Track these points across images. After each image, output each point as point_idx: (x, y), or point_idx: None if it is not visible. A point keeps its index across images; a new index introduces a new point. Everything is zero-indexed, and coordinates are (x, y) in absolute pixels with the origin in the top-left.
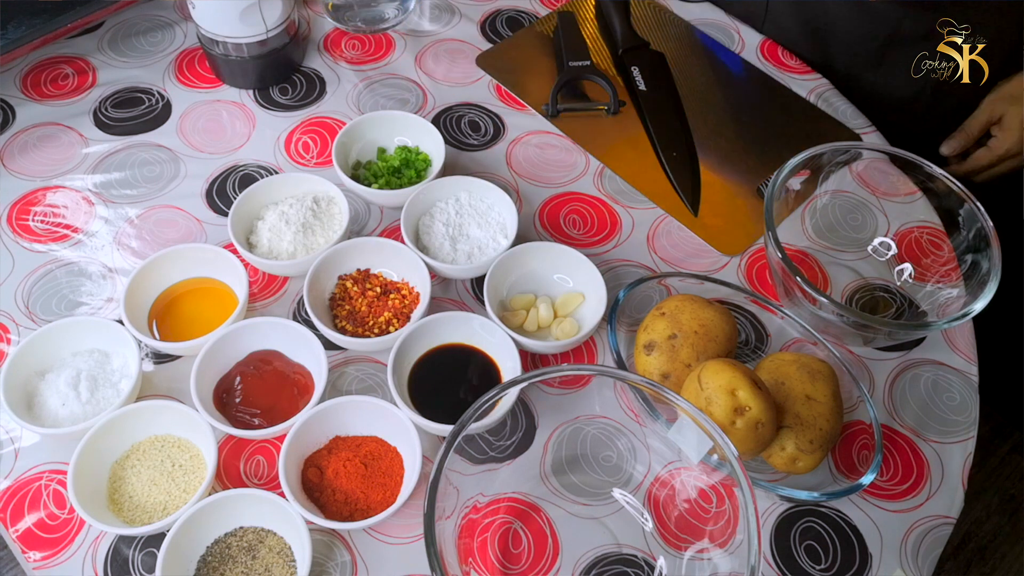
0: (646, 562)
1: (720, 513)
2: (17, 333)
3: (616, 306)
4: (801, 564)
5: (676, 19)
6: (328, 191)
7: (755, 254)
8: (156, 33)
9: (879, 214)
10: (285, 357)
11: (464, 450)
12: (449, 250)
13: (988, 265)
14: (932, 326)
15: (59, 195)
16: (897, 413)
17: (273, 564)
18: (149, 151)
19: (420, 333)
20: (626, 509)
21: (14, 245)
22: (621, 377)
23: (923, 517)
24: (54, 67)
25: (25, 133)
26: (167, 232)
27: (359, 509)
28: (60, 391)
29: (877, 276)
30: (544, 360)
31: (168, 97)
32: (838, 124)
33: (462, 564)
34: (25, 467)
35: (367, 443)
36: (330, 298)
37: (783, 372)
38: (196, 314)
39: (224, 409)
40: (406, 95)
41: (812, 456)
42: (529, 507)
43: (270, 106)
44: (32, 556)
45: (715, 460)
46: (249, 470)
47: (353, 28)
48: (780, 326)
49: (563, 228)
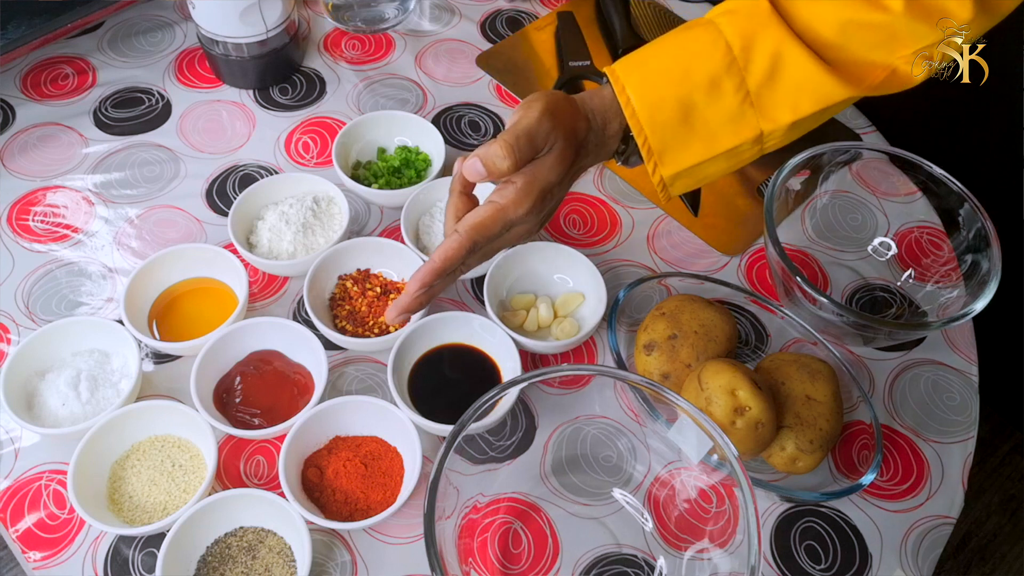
0: (646, 562)
1: (720, 513)
2: (17, 333)
3: (616, 306)
4: (801, 564)
5: (676, 19)
6: (328, 191)
7: (755, 254)
8: (156, 33)
9: (879, 214)
10: (285, 357)
11: (464, 450)
12: None
13: (988, 265)
14: (932, 326)
15: (59, 195)
16: (897, 413)
17: (273, 564)
18: (149, 151)
19: (420, 333)
20: (626, 509)
21: (14, 245)
22: (621, 377)
23: (923, 517)
24: (54, 67)
25: (25, 133)
26: (167, 232)
27: (359, 509)
28: (60, 391)
29: (877, 276)
30: (544, 360)
31: (168, 97)
32: (838, 124)
33: (462, 564)
34: (25, 467)
35: (367, 443)
36: (330, 298)
37: (783, 372)
38: (196, 314)
39: (224, 409)
40: (406, 95)
41: (812, 456)
42: (529, 507)
43: (270, 106)
44: (32, 556)
45: (715, 460)
46: (249, 470)
47: (353, 28)
48: (780, 326)
49: (563, 228)
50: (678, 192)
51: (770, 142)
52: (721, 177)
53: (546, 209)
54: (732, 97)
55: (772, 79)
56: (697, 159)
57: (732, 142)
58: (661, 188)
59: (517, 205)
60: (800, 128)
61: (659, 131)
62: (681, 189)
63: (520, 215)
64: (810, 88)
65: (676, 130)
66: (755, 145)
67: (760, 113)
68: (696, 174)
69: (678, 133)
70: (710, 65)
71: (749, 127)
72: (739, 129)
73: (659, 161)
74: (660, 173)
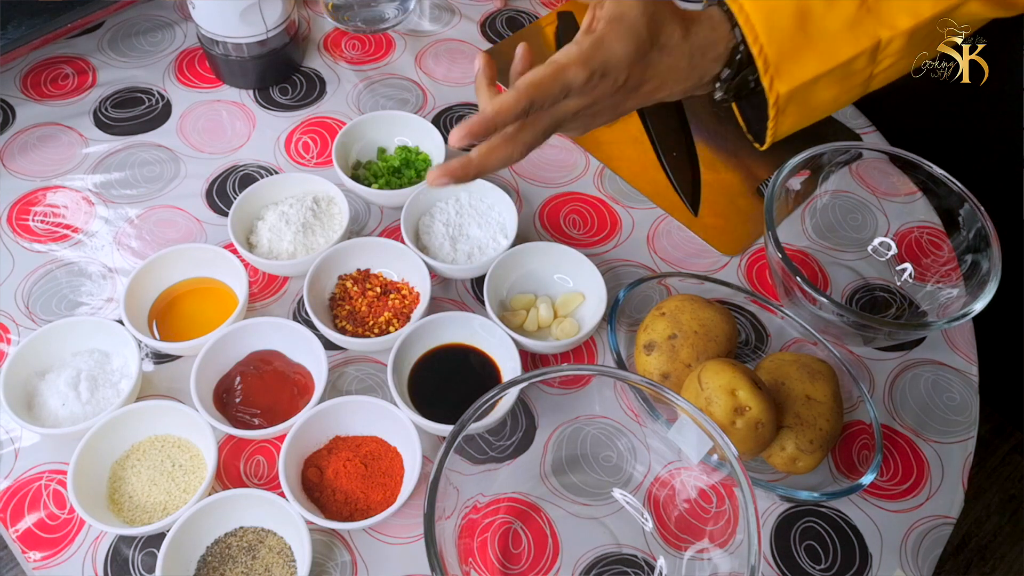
0: (646, 562)
1: (720, 513)
2: (17, 333)
3: (616, 306)
4: (801, 564)
5: None
6: (328, 191)
7: (755, 254)
8: (156, 33)
9: (879, 214)
10: (285, 357)
11: (464, 450)
12: (449, 250)
13: (988, 265)
14: (932, 326)
15: (59, 195)
16: (897, 413)
17: (273, 564)
18: (149, 151)
19: (420, 333)
20: (626, 509)
21: (14, 245)
22: (621, 377)
23: (923, 517)
24: (54, 67)
25: (25, 133)
26: (167, 232)
27: (359, 509)
28: (60, 391)
29: (877, 276)
30: (544, 360)
31: (168, 97)
32: (838, 124)
33: (462, 564)
34: (25, 467)
35: (367, 443)
36: (330, 298)
37: (783, 372)
38: (196, 314)
39: (224, 409)
40: (406, 95)
41: (812, 456)
42: (529, 507)
43: (270, 106)
44: (32, 556)
45: (715, 460)
46: (249, 470)
47: (353, 28)
48: (780, 326)
49: (563, 228)
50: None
51: (885, 61)
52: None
53: (606, 95)
54: (850, 1)
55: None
56: (814, 72)
57: (850, 52)
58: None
59: (578, 66)
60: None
61: (776, 38)
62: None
63: (580, 80)
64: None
65: (794, 37)
66: (869, 63)
67: (878, 19)
68: (808, 100)
69: (796, 40)
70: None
71: (867, 35)
72: (858, 37)
73: (775, 74)
74: (776, 90)
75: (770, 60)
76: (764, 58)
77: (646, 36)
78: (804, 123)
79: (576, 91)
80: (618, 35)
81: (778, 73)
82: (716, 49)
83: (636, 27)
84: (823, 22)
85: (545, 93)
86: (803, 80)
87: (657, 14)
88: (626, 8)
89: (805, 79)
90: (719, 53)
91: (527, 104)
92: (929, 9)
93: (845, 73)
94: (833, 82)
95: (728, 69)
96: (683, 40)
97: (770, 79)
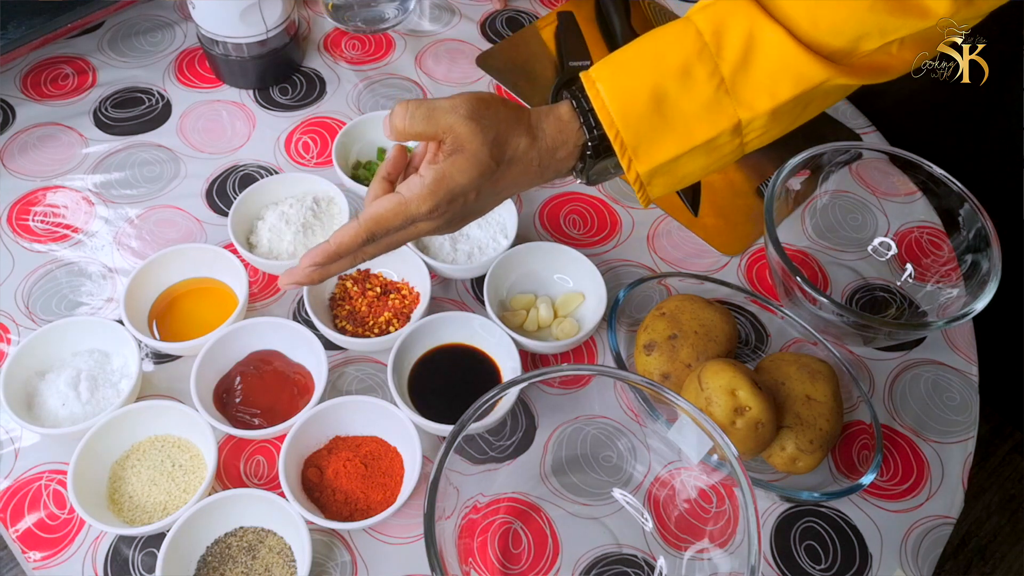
0: (646, 562)
1: (720, 513)
2: (17, 333)
3: (616, 306)
4: (801, 564)
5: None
6: (328, 191)
7: (755, 254)
8: (156, 33)
9: (879, 214)
10: (285, 357)
11: (464, 450)
12: (449, 250)
13: (988, 265)
14: (932, 326)
15: (59, 195)
16: (897, 413)
17: (273, 564)
18: (149, 151)
19: (420, 333)
20: (626, 509)
21: (14, 245)
22: (621, 377)
23: (923, 517)
24: (54, 67)
25: (25, 133)
26: (167, 232)
27: (359, 509)
28: (60, 391)
29: (877, 276)
30: (544, 360)
31: (168, 97)
32: (838, 124)
33: (462, 564)
34: (25, 467)
35: (367, 443)
36: (330, 298)
37: (783, 372)
38: (196, 314)
39: (224, 409)
40: (406, 95)
41: (812, 456)
42: (529, 507)
43: (270, 106)
44: (32, 556)
45: (715, 460)
46: (249, 470)
47: (353, 28)
48: (780, 326)
49: (563, 228)
50: (657, 194)
51: (751, 135)
52: (704, 177)
53: (457, 214)
54: (706, 84)
55: (746, 63)
56: (673, 153)
57: (709, 133)
58: (639, 188)
59: (420, 201)
60: (783, 119)
61: (632, 124)
62: (660, 190)
63: (423, 212)
64: (788, 71)
65: (650, 121)
66: (734, 137)
67: (737, 100)
68: (674, 171)
69: (652, 125)
70: (681, 53)
71: (726, 116)
72: (715, 119)
73: (633, 156)
74: (636, 170)
75: (627, 143)
76: (620, 142)
77: (489, 160)
78: (679, 187)
79: (423, 218)
80: (460, 168)
81: (636, 155)
82: (566, 148)
83: (478, 156)
84: (679, 104)
85: (386, 227)
86: (661, 161)
87: (500, 136)
88: (465, 141)
89: (664, 160)
90: (569, 151)
91: (367, 237)
92: (788, 91)
93: (709, 148)
94: (698, 156)
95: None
96: (530, 147)
97: (628, 160)
